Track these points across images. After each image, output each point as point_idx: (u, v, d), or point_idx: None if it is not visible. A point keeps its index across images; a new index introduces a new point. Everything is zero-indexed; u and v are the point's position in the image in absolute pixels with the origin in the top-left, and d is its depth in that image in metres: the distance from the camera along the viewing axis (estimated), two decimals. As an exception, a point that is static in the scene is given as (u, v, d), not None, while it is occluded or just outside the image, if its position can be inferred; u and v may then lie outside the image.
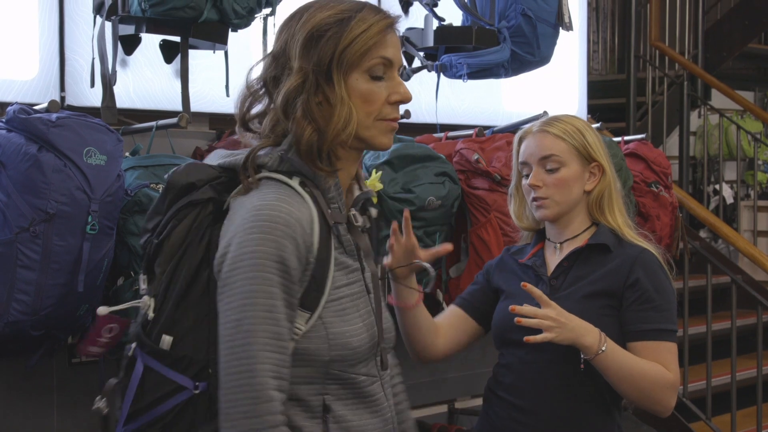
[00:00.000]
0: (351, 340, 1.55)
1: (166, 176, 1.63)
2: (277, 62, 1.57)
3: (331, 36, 1.53)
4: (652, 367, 2.04)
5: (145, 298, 1.55)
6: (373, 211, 1.71)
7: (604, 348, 1.98)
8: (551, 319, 1.95)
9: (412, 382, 3.41)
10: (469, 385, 3.57)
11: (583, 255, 2.15)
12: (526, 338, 1.95)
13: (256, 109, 1.61)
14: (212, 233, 1.54)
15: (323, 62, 1.53)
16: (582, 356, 2.00)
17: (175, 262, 1.53)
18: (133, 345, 1.56)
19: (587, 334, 1.98)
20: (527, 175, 2.17)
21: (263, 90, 1.59)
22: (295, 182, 1.54)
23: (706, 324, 4.52)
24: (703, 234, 5.96)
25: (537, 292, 1.99)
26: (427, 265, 1.99)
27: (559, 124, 2.16)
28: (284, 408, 1.46)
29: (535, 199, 2.15)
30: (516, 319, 1.96)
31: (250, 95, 1.60)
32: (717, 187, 6.54)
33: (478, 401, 2.33)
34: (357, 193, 1.68)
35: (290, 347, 1.49)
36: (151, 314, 1.53)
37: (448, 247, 2.04)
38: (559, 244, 2.19)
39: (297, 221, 1.48)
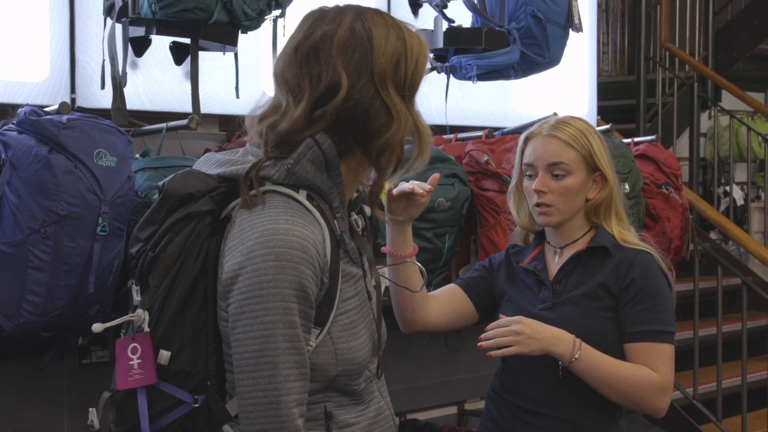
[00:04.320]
0: (357, 354, 1.53)
1: (160, 183, 1.55)
2: (317, 59, 1.48)
3: (400, 61, 1.51)
4: (635, 371, 2.05)
5: (139, 311, 1.49)
6: (367, 210, 1.69)
7: (577, 356, 2.02)
8: (515, 333, 1.99)
9: (422, 384, 3.43)
10: (478, 387, 3.57)
11: (584, 258, 2.16)
12: (488, 353, 2.02)
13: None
14: (210, 245, 1.49)
15: (399, 85, 1.51)
16: (559, 363, 2.04)
17: (172, 276, 1.48)
18: None
19: (559, 342, 2.02)
20: (530, 176, 2.17)
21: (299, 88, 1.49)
22: (302, 196, 1.48)
23: (716, 326, 4.52)
24: (713, 236, 5.94)
25: (498, 323, 2.03)
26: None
27: (568, 129, 2.14)
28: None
29: (538, 205, 2.14)
30: (478, 344, 2.02)
31: (289, 93, 1.50)
32: (727, 188, 6.51)
33: (488, 403, 2.34)
34: (354, 195, 1.64)
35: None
36: (146, 328, 1.48)
37: (437, 176, 2.07)
38: (559, 249, 2.20)
39: (312, 245, 1.43)
